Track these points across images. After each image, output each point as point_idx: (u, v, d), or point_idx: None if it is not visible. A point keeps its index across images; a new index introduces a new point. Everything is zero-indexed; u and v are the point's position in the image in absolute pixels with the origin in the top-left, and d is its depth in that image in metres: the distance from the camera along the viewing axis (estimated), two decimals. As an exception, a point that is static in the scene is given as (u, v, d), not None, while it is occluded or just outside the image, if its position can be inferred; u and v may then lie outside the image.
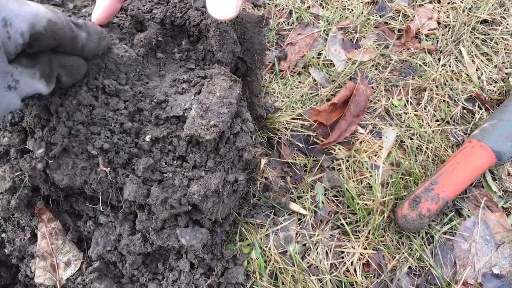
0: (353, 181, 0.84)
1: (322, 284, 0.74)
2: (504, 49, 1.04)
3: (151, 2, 0.78)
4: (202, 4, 0.76)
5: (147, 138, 0.66)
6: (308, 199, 0.81)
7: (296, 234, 0.79)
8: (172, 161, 0.67)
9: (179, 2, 0.77)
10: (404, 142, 0.89)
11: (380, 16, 1.04)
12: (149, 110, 0.67)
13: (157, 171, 0.67)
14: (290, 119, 0.88)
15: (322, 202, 0.82)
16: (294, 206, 0.80)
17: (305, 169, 0.85)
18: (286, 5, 1.02)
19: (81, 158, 0.63)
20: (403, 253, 0.77)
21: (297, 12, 1.01)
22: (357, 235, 0.79)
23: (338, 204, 0.82)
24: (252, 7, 1.00)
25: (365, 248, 0.77)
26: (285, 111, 0.89)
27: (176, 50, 0.78)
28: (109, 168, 0.63)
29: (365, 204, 0.81)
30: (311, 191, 0.83)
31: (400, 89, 0.95)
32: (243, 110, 0.72)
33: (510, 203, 0.85)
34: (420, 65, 0.98)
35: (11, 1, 0.41)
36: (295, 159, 0.85)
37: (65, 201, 0.72)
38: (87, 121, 0.62)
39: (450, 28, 1.04)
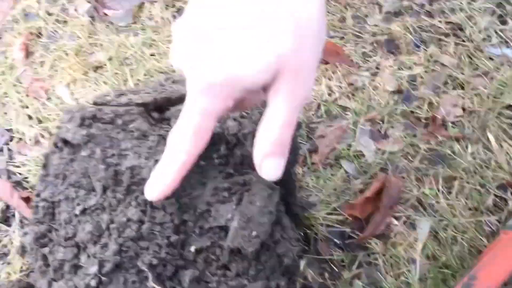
0: (391, 276, 0.85)
1: None
2: (532, 133, 1.06)
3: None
4: (239, 114, 0.81)
5: (192, 248, 0.69)
6: (347, 296, 0.83)
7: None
8: (216, 270, 0.70)
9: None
10: (439, 233, 0.90)
11: (406, 106, 1.08)
12: (193, 221, 0.70)
13: (202, 281, 0.69)
14: (325, 214, 0.90)
15: (362, 300, 0.82)
16: (334, 305, 0.81)
17: (343, 264, 0.86)
18: (315, 99, 1.07)
19: (131, 273, 0.66)
20: None
21: (325, 105, 1.06)
22: (399, 335, 0.79)
23: (378, 301, 0.83)
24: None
25: None
26: (319, 205, 0.91)
27: (215, 156, 0.82)
28: (158, 286, 0.66)
29: (405, 301, 0.82)
30: None
31: (430, 179, 0.97)
32: (282, 217, 0.74)
33: (552, 295, 0.85)
34: (448, 154, 1.00)
35: None
36: (332, 255, 0.87)
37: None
38: (136, 236, 0.66)
39: (475, 114, 1.07)
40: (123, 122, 0.78)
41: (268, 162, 0.49)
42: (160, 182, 0.54)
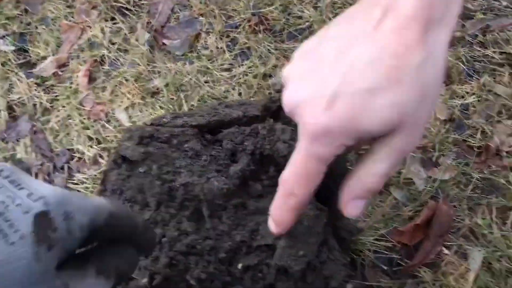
0: (441, 306, 0.83)
1: None
2: None
3: (242, 134, 0.86)
4: (289, 137, 0.83)
5: (239, 266, 0.70)
6: (395, 324, 0.81)
7: None
8: (263, 288, 0.71)
9: (267, 134, 0.85)
10: (492, 264, 0.87)
11: (458, 134, 1.07)
12: (242, 239, 0.72)
13: (249, 300, 0.70)
14: (373, 239, 0.90)
15: (410, 329, 0.81)
16: (382, 333, 0.80)
17: (390, 292, 0.85)
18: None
19: (180, 287, 0.69)
20: None
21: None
22: None
23: (427, 331, 0.81)
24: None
25: None
26: (367, 231, 0.91)
27: (265, 177, 0.84)
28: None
29: (456, 332, 0.79)
30: (398, 316, 0.83)
31: (483, 208, 0.95)
32: (329, 238, 0.75)
33: None
34: (503, 184, 0.98)
35: (75, 196, 0.39)
36: (379, 282, 0.86)
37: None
38: (186, 250, 0.68)
39: (531, 144, 1.04)
40: (178, 142, 0.82)
41: (355, 203, 0.48)
42: (279, 221, 0.54)
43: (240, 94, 1.13)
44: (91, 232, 0.39)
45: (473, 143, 1.05)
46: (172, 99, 1.13)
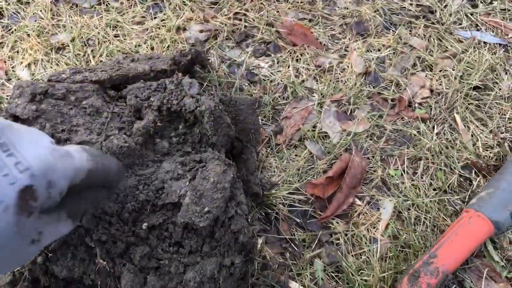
0: (352, 255, 0.84)
1: None
2: (499, 114, 1.05)
3: (148, 90, 0.81)
4: (197, 91, 0.80)
5: (144, 226, 0.67)
6: (307, 276, 0.81)
7: (296, 313, 0.79)
8: (169, 247, 0.68)
9: (175, 89, 0.81)
10: (402, 213, 0.89)
11: (373, 87, 1.07)
12: (147, 198, 0.68)
13: (154, 258, 0.68)
14: (287, 193, 0.89)
15: (322, 279, 0.81)
16: (294, 285, 0.80)
17: (304, 244, 0.85)
18: (281, 81, 1.06)
19: (80, 250, 0.65)
20: (405, 331, 0.76)
21: (291, 87, 1.04)
22: (358, 313, 0.78)
23: (338, 281, 0.82)
24: (248, 84, 1.04)
25: (366, 327, 0.76)
26: (282, 186, 0.90)
27: (174, 134, 0.80)
28: (105, 262, 0.64)
29: (365, 280, 0.81)
30: (310, 267, 0.83)
31: (396, 159, 0.97)
32: (237, 193, 0.73)
33: (513, 273, 0.84)
34: (414, 134, 1.00)
35: (58, 158, 0.41)
36: (294, 235, 0.86)
37: (65, 290, 0.73)
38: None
39: (443, 95, 1.06)
40: (76, 99, 0.76)
41: None
42: None
43: (152, 48, 1.07)
44: (68, 190, 0.43)
45: (388, 96, 1.06)
46: (79, 54, 1.05)
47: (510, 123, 1.04)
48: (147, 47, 1.07)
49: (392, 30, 1.19)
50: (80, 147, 0.47)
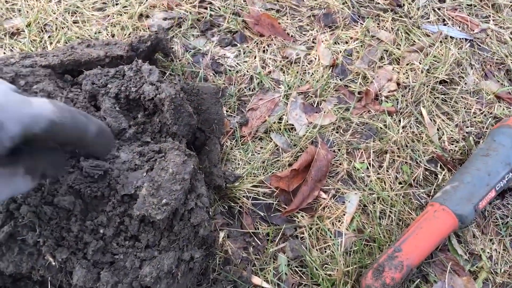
0: (317, 250, 0.82)
1: None
2: (464, 108, 1.05)
3: (106, 76, 0.78)
4: (157, 78, 0.76)
5: (98, 219, 0.64)
6: (270, 271, 0.79)
7: (259, 309, 0.76)
8: (124, 241, 0.65)
9: (134, 76, 0.77)
10: (367, 206, 0.88)
11: (340, 79, 1.06)
12: (101, 190, 0.65)
13: (108, 252, 0.64)
14: (251, 186, 0.87)
15: (286, 274, 0.79)
16: (256, 280, 0.78)
17: (267, 238, 0.83)
18: (247, 71, 1.03)
19: (28, 244, 0.61)
20: (369, 326, 0.74)
21: (258, 78, 1.02)
22: (322, 308, 0.76)
23: (302, 275, 0.80)
24: (213, 74, 1.01)
25: (330, 322, 0.75)
26: (246, 178, 0.88)
27: (132, 123, 0.77)
28: (54, 257, 0.60)
29: (329, 274, 0.79)
30: (274, 262, 0.81)
31: (362, 152, 0.95)
32: (197, 185, 0.70)
33: (477, 267, 0.84)
34: (380, 128, 0.98)
35: (12, 102, 0.38)
36: (257, 229, 0.84)
37: (13, 287, 0.68)
38: (33, 211, 0.60)
39: (409, 89, 1.06)
40: (26, 83, 0.72)
41: None
42: None
43: (113, 35, 1.03)
44: (26, 140, 0.39)
45: (354, 89, 1.04)
46: (35, 40, 1.00)
47: (475, 117, 1.04)
48: (107, 34, 1.03)
49: (360, 23, 1.18)
50: (48, 99, 0.43)
